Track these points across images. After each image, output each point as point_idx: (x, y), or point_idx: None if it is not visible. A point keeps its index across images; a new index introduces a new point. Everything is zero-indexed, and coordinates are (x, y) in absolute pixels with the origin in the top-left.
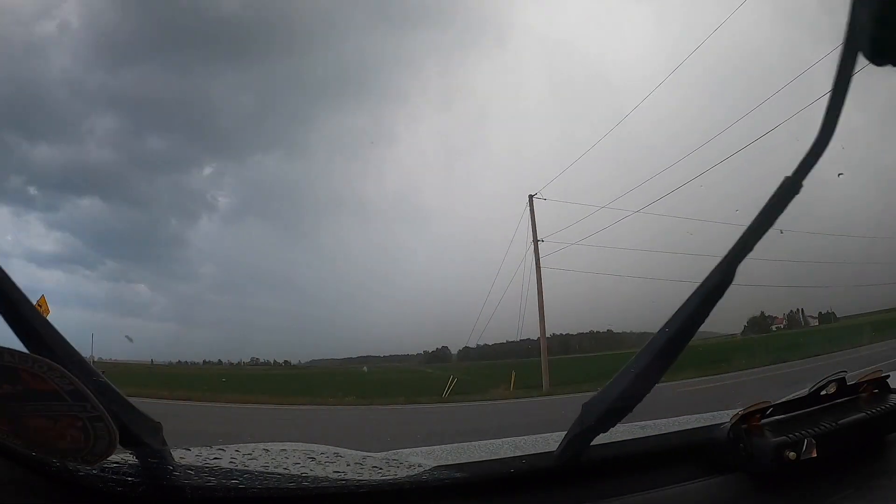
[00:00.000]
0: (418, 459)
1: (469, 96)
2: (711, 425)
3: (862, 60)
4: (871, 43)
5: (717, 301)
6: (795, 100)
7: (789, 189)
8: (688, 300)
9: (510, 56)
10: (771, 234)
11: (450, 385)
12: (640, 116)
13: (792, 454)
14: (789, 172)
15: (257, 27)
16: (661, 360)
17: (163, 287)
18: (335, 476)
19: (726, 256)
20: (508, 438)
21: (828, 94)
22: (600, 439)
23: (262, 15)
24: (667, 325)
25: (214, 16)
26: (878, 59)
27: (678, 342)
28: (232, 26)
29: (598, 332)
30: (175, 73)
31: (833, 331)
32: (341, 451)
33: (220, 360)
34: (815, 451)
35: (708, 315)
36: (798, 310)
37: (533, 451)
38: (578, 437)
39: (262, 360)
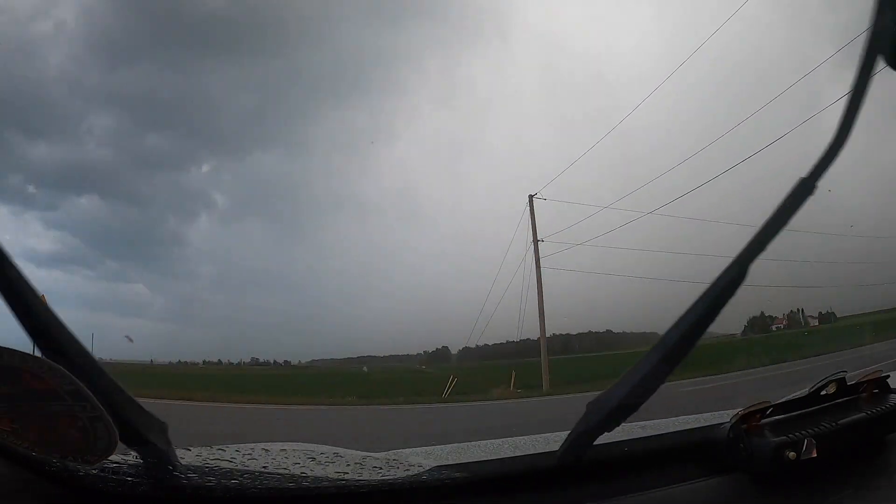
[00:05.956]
0: (418, 459)
1: (468, 93)
2: (711, 425)
3: (880, 62)
4: (893, 46)
5: (728, 300)
6: (799, 100)
7: (804, 190)
8: (698, 300)
9: (510, 52)
10: None
11: (450, 385)
12: (642, 116)
13: (792, 454)
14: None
15: (255, 24)
16: (669, 359)
17: (162, 286)
18: (335, 476)
19: (739, 255)
20: (508, 438)
21: (846, 96)
22: (601, 439)
23: (260, 11)
24: (676, 324)
25: (211, 13)
26: None
27: (687, 342)
28: (229, 23)
29: (597, 332)
30: (173, 71)
31: (833, 331)
32: (341, 451)
33: (219, 360)
34: (815, 451)
35: (718, 314)
36: (798, 310)
37: (533, 451)
38: (583, 436)
39: (262, 360)
